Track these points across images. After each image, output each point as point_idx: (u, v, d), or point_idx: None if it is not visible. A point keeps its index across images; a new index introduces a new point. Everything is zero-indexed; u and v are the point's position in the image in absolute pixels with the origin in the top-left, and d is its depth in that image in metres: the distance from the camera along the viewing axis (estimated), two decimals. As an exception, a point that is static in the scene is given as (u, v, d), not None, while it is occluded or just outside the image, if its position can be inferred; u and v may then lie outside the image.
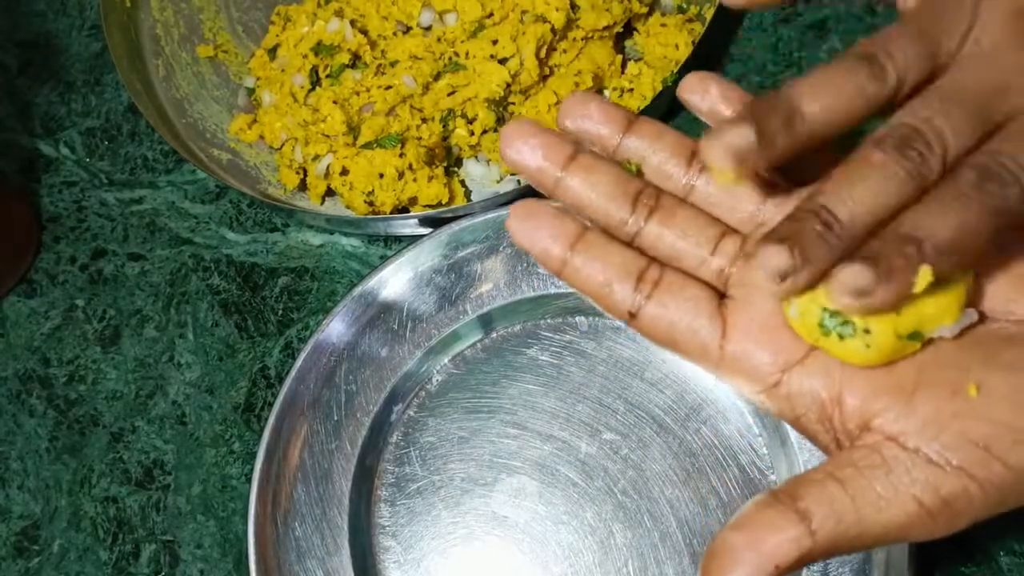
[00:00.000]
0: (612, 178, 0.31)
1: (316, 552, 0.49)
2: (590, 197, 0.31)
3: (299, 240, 0.58)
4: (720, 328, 0.30)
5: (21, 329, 0.57)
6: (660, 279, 0.31)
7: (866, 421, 0.29)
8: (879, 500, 0.27)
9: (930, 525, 0.28)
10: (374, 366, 0.52)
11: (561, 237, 0.31)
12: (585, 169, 0.31)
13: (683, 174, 0.32)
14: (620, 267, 0.31)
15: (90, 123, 0.63)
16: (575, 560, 0.48)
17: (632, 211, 0.31)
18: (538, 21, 0.55)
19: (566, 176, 0.31)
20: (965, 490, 0.27)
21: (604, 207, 0.31)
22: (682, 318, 0.30)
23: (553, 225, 0.31)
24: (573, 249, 0.31)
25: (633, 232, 0.31)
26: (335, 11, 0.59)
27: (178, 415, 0.54)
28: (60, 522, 0.53)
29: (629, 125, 0.32)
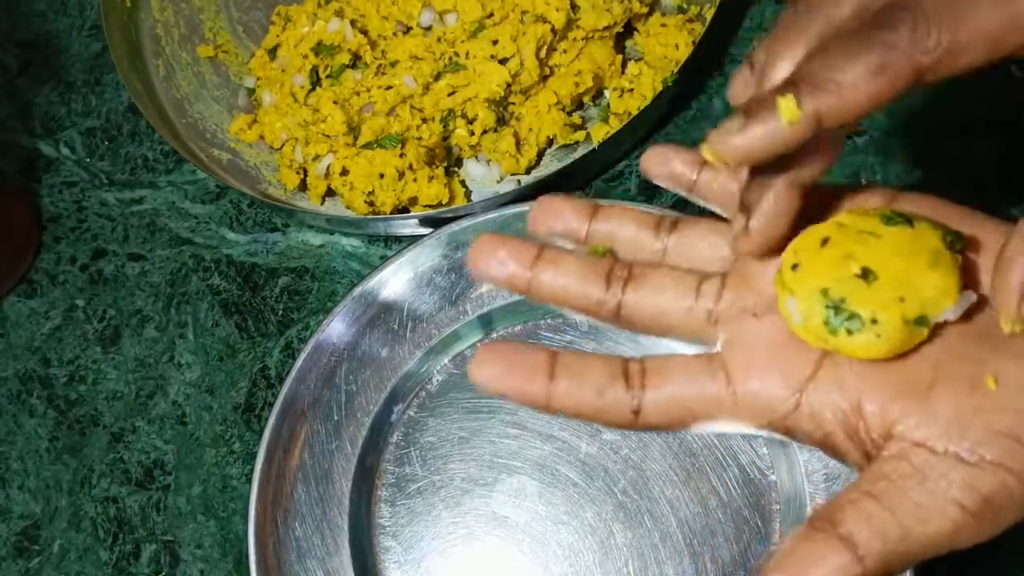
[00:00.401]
0: (582, 264, 0.32)
1: (316, 552, 0.49)
2: (564, 286, 0.32)
3: (299, 240, 0.58)
4: (724, 376, 0.30)
5: (21, 329, 0.57)
6: (643, 368, 0.30)
7: (888, 428, 0.28)
8: (919, 510, 0.27)
9: (975, 527, 0.27)
10: (374, 366, 0.52)
11: (535, 370, 0.30)
12: (552, 262, 0.32)
13: (654, 240, 0.33)
14: (605, 375, 0.30)
15: (90, 123, 0.63)
16: (575, 560, 0.48)
17: (608, 287, 0.31)
18: (538, 21, 0.55)
19: (537, 273, 0.32)
20: (1004, 484, 0.27)
21: (581, 291, 0.32)
22: (682, 388, 0.30)
23: (523, 361, 0.30)
24: (553, 379, 0.30)
25: (614, 307, 0.32)
26: (335, 11, 0.59)
27: (178, 415, 0.54)
28: (60, 522, 0.53)
29: (594, 212, 0.33)
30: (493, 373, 0.30)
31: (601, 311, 0.32)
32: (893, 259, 0.28)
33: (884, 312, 0.28)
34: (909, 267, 0.28)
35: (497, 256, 0.32)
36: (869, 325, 0.28)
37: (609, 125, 0.56)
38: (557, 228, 0.33)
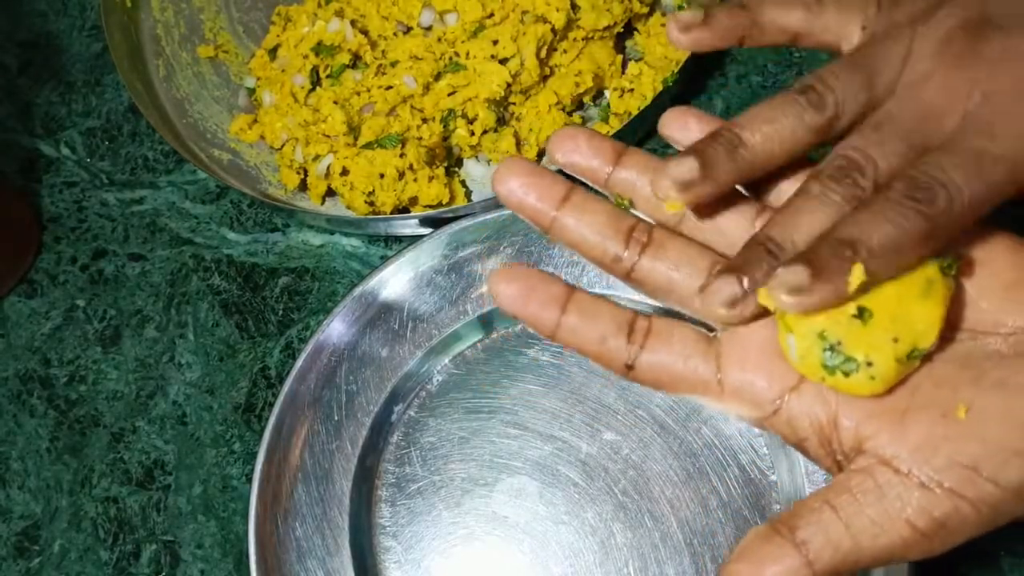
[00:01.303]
0: (605, 216, 0.32)
1: (317, 552, 0.49)
2: (584, 235, 0.32)
3: (300, 240, 0.58)
4: (715, 363, 0.31)
5: (22, 329, 0.57)
6: (649, 328, 0.32)
7: (860, 443, 0.30)
8: (873, 526, 0.28)
9: (925, 545, 0.28)
10: (374, 366, 0.52)
11: (551, 301, 0.31)
12: (579, 208, 0.32)
13: None
14: (611, 322, 0.31)
15: (91, 123, 0.63)
16: (575, 560, 0.48)
17: (626, 247, 0.32)
18: (538, 21, 0.55)
19: (560, 216, 0.32)
20: (957, 510, 0.28)
21: (600, 244, 0.32)
22: (676, 361, 0.31)
23: (542, 289, 0.31)
24: (564, 311, 0.31)
25: (628, 267, 0.32)
26: (336, 11, 0.59)
27: (179, 415, 0.54)
28: (61, 522, 0.53)
29: (618, 157, 0.33)
30: (513, 293, 0.31)
31: (615, 268, 0.32)
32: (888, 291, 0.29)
33: (879, 354, 0.29)
34: (902, 299, 0.29)
35: (523, 181, 0.32)
36: (864, 367, 0.29)
37: (609, 125, 0.56)
38: (577, 162, 0.33)
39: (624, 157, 0.33)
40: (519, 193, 0.32)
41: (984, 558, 0.46)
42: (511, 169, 0.32)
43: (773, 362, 0.30)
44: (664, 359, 0.31)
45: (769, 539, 0.28)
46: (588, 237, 0.32)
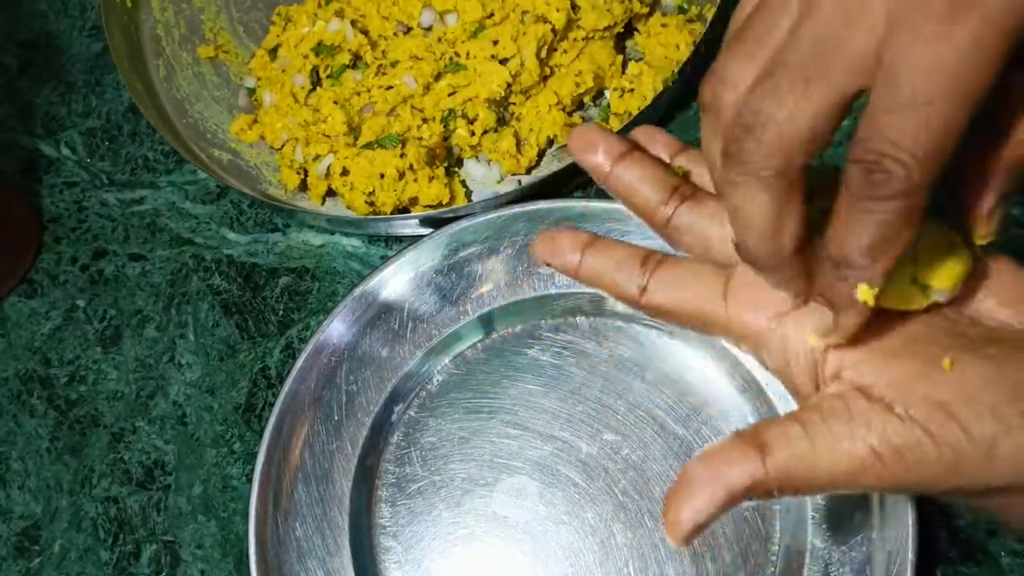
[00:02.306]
0: (658, 173, 0.36)
1: (317, 552, 0.49)
2: (636, 186, 0.35)
3: (300, 240, 0.58)
4: (723, 289, 0.34)
5: (22, 329, 0.57)
6: (662, 259, 0.35)
7: (839, 370, 0.31)
8: (834, 442, 0.29)
9: (880, 471, 0.29)
10: (375, 366, 0.52)
11: (577, 244, 0.36)
12: (637, 163, 0.36)
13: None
14: (626, 253, 0.35)
15: (91, 123, 0.63)
16: (576, 560, 0.48)
17: (669, 198, 0.35)
18: (539, 21, 0.55)
19: (618, 168, 0.36)
20: (919, 443, 0.29)
21: (646, 193, 0.35)
22: (687, 285, 0.34)
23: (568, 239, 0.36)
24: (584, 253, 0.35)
25: (668, 215, 0.35)
26: (336, 11, 0.59)
27: (179, 415, 0.54)
28: (61, 522, 0.53)
29: (681, 149, 0.37)
30: (544, 249, 0.36)
31: (654, 217, 0.35)
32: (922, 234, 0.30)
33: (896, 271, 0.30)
34: (932, 244, 0.31)
35: (595, 144, 0.36)
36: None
37: (610, 125, 0.56)
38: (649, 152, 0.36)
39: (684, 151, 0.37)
40: (591, 154, 0.36)
41: (984, 558, 0.46)
42: (592, 135, 0.36)
43: (777, 293, 0.32)
44: (677, 279, 0.34)
45: (733, 442, 0.30)
46: (638, 187, 0.35)
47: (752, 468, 0.30)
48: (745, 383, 0.50)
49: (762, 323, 0.33)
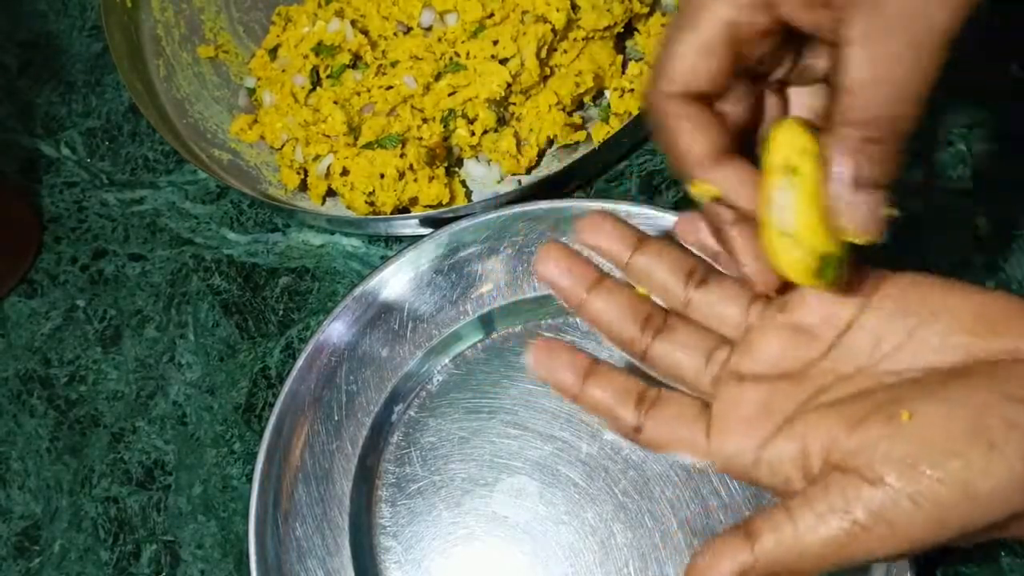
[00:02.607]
0: (627, 302, 0.37)
1: (317, 552, 0.49)
2: (609, 319, 0.37)
3: (300, 240, 0.58)
4: (705, 428, 0.35)
5: (22, 329, 0.57)
6: (657, 398, 0.36)
7: (825, 460, 0.32)
8: (816, 521, 0.30)
9: (866, 540, 0.30)
10: (375, 366, 0.52)
11: (576, 369, 0.37)
12: (607, 291, 0.37)
13: (682, 289, 0.37)
14: (623, 391, 0.36)
15: (91, 123, 0.63)
16: (576, 560, 0.48)
17: (642, 331, 0.37)
18: (539, 21, 0.55)
19: (591, 298, 0.37)
20: (896, 503, 0.29)
21: (619, 328, 0.37)
22: (674, 429, 0.36)
23: (569, 359, 0.37)
24: (585, 380, 0.37)
25: (643, 349, 0.37)
26: (336, 11, 0.59)
27: (179, 415, 0.54)
28: (61, 522, 0.53)
29: (639, 244, 0.38)
30: (539, 363, 0.37)
31: (631, 349, 0.38)
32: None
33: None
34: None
35: (560, 264, 0.37)
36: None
37: (610, 125, 0.56)
38: (602, 247, 0.38)
39: (643, 244, 0.38)
40: (556, 272, 0.37)
41: (984, 558, 0.46)
42: (550, 253, 0.38)
43: (755, 425, 0.34)
44: (666, 425, 0.36)
45: (728, 534, 0.32)
46: (612, 320, 0.37)
47: (742, 558, 0.31)
48: (745, 383, 0.50)
49: (747, 456, 0.34)
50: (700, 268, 0.38)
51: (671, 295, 0.38)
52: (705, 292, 0.37)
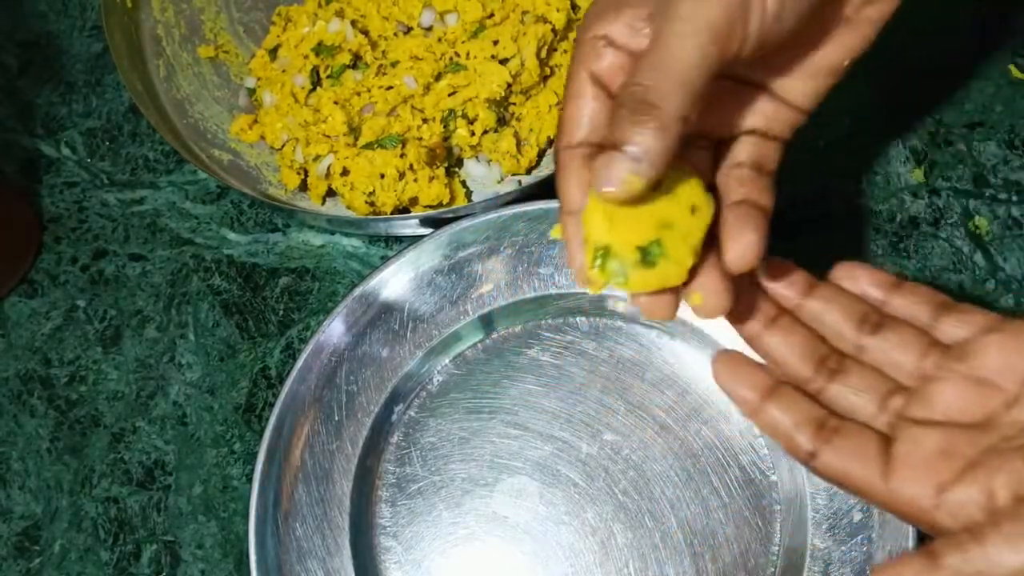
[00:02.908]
0: (803, 340, 0.37)
1: (317, 552, 0.49)
2: (783, 354, 0.37)
3: (300, 240, 0.58)
4: (882, 468, 0.34)
5: (22, 329, 0.57)
6: (839, 427, 0.36)
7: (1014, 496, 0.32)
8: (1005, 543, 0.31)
9: None
10: (375, 366, 0.52)
11: (758, 387, 0.37)
12: (784, 328, 0.37)
13: (854, 335, 0.37)
14: (805, 415, 0.36)
15: (91, 123, 0.63)
16: (576, 560, 0.48)
17: (817, 372, 0.37)
18: (539, 21, 0.55)
19: (767, 331, 0.37)
20: None
21: (795, 365, 0.37)
22: (850, 464, 0.35)
23: (753, 376, 0.37)
24: (767, 398, 0.36)
25: (816, 389, 0.37)
26: (336, 11, 0.59)
27: (179, 415, 0.54)
28: (61, 522, 0.53)
29: (811, 288, 0.38)
30: (724, 373, 0.37)
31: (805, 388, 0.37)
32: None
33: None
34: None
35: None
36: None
37: (610, 125, 0.56)
38: (776, 289, 0.38)
39: (816, 290, 0.38)
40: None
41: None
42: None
43: (933, 467, 0.33)
44: (842, 458, 0.35)
45: (910, 557, 0.32)
46: (788, 357, 0.37)
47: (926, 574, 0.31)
48: (745, 383, 0.50)
49: (926, 501, 0.33)
50: (874, 314, 0.38)
51: (844, 341, 0.38)
52: (879, 339, 0.37)
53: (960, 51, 0.57)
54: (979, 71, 0.57)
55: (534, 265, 0.52)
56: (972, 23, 0.58)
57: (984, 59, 0.57)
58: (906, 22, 0.59)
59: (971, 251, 0.53)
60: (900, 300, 0.38)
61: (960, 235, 0.54)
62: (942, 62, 0.57)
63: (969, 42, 0.57)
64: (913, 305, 0.38)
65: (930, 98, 0.56)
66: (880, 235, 0.54)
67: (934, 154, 0.55)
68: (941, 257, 0.53)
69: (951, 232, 0.54)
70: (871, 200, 0.55)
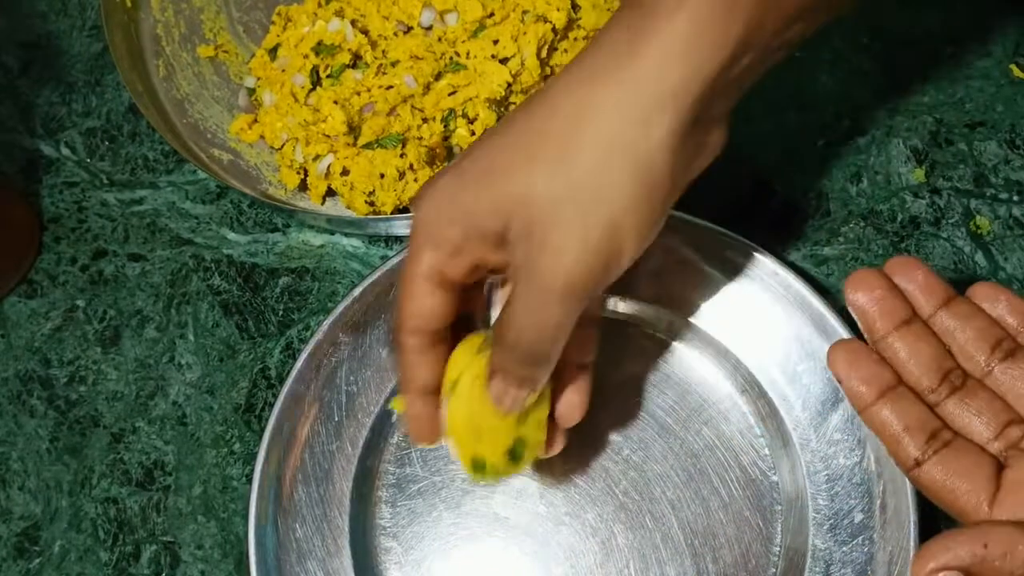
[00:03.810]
0: (932, 351, 0.37)
1: (317, 553, 0.49)
2: (908, 362, 0.37)
3: (300, 240, 0.58)
4: (991, 491, 0.34)
5: (22, 330, 0.57)
6: (951, 441, 0.35)
7: None
8: None
9: None
10: (375, 367, 0.52)
11: (875, 383, 0.36)
12: (914, 335, 0.37)
13: (985, 358, 0.37)
14: (918, 421, 0.35)
15: (91, 123, 0.63)
16: (576, 561, 0.48)
17: (939, 384, 0.36)
18: (539, 21, 0.55)
19: (896, 335, 0.37)
20: None
21: (919, 372, 0.37)
22: (955, 481, 0.34)
23: (872, 369, 0.36)
24: (882, 397, 0.36)
25: (935, 402, 0.36)
26: (336, 11, 0.59)
27: (179, 416, 0.54)
28: (61, 523, 0.53)
29: (947, 301, 0.38)
30: (845, 362, 0.37)
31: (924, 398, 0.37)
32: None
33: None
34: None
35: (874, 293, 0.37)
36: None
37: (610, 125, 0.56)
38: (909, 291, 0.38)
39: (952, 302, 0.38)
40: (866, 300, 0.37)
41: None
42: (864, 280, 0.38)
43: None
44: (948, 472, 0.35)
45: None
46: (911, 365, 0.37)
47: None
48: (746, 384, 0.50)
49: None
50: (1008, 341, 0.37)
51: (972, 361, 0.37)
52: (1009, 365, 0.37)
53: (961, 51, 0.57)
54: (980, 71, 0.56)
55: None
56: (973, 23, 0.58)
57: (985, 59, 0.57)
58: (906, 21, 0.59)
59: (972, 251, 0.53)
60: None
61: (961, 235, 0.54)
62: (943, 62, 0.57)
63: (970, 42, 0.57)
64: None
65: (931, 98, 0.56)
66: (881, 235, 0.54)
67: (935, 154, 0.55)
68: (942, 257, 0.53)
69: (952, 232, 0.54)
70: (872, 200, 0.55)
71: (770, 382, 0.49)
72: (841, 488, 0.46)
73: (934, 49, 0.57)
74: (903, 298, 0.37)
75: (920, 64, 0.57)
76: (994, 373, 0.37)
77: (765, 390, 0.49)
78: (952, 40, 0.57)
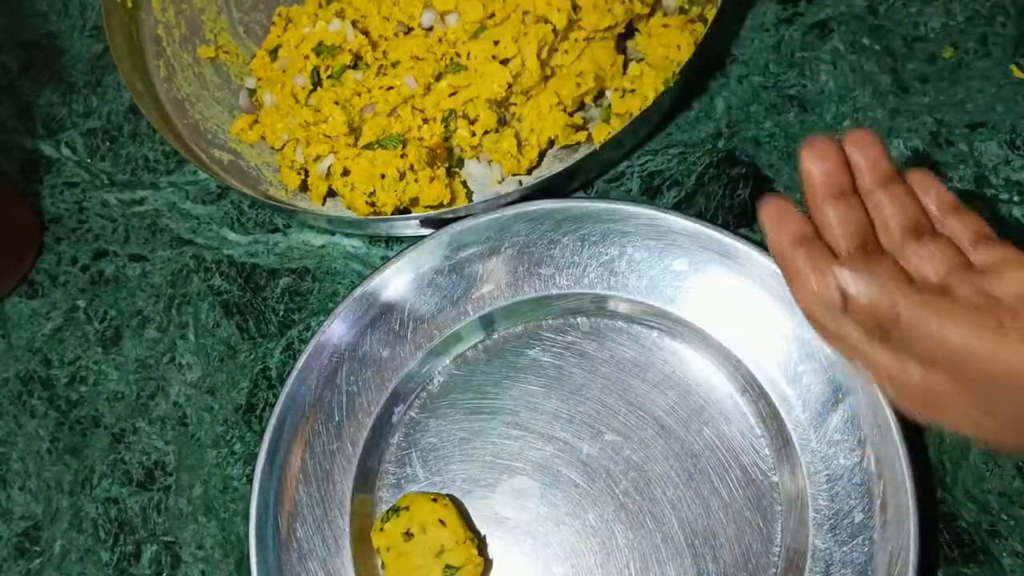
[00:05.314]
0: (858, 223, 0.39)
1: (317, 553, 0.49)
2: (835, 228, 0.39)
3: (300, 241, 0.58)
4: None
5: (22, 330, 0.57)
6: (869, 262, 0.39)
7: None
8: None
9: None
10: (375, 367, 0.52)
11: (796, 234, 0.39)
12: (847, 206, 0.39)
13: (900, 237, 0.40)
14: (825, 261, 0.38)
15: (91, 124, 0.63)
16: (577, 561, 0.48)
17: (854, 251, 0.39)
18: (539, 22, 0.55)
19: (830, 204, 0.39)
20: None
21: (839, 238, 0.39)
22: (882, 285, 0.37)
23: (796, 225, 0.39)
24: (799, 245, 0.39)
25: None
26: (336, 12, 0.59)
27: (179, 416, 0.54)
28: (61, 523, 0.53)
29: (888, 181, 0.40)
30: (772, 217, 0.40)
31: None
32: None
33: None
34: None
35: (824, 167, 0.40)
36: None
37: (611, 126, 0.56)
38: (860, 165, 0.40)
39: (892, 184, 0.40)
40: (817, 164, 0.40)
41: (986, 559, 0.46)
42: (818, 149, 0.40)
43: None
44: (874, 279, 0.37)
45: None
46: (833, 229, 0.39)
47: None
48: (746, 384, 0.50)
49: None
50: (926, 227, 0.40)
51: (890, 237, 0.40)
52: (918, 248, 0.39)
53: (961, 51, 0.57)
54: (980, 71, 0.56)
55: (535, 265, 0.52)
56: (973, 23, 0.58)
57: (985, 59, 0.57)
58: (907, 22, 0.59)
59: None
60: (954, 222, 0.40)
61: (961, 235, 0.54)
62: (943, 62, 0.57)
63: (970, 42, 0.57)
64: (961, 228, 0.40)
65: (931, 98, 0.56)
66: (881, 235, 0.54)
67: (935, 154, 0.55)
68: (942, 257, 0.53)
69: (952, 232, 0.54)
70: (872, 200, 0.55)
71: (770, 382, 0.49)
72: (841, 488, 0.46)
73: (934, 49, 0.57)
74: (849, 172, 0.40)
75: (920, 64, 0.57)
76: (905, 252, 0.39)
77: (765, 390, 0.49)
78: (952, 40, 0.57)
